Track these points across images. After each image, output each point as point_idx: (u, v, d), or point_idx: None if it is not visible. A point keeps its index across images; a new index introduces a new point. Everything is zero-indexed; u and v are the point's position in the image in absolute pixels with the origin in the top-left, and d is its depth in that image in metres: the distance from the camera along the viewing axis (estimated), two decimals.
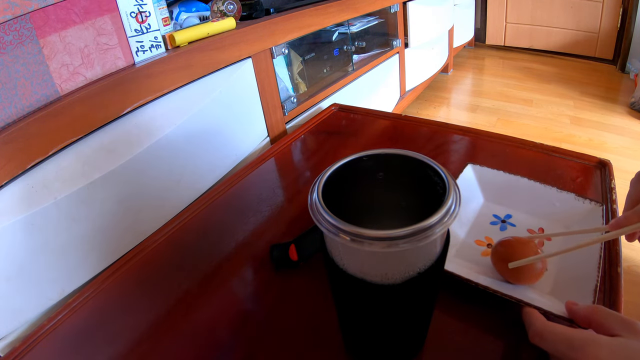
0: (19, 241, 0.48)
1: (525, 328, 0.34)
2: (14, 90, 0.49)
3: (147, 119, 0.62)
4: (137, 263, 0.50)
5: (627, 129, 1.54)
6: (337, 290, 0.30)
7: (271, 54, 0.83)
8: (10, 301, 0.49)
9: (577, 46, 2.21)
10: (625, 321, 0.29)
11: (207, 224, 0.56)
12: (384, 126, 0.77)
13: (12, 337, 0.51)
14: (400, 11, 1.31)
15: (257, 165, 0.68)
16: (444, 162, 0.62)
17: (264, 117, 0.84)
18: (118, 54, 0.60)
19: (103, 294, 0.46)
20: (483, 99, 1.90)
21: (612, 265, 0.41)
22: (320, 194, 0.26)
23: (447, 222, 0.24)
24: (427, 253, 0.26)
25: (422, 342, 0.35)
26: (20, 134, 0.48)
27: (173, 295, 0.45)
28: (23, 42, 0.49)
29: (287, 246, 0.46)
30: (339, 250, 0.27)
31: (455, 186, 0.26)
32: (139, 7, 0.60)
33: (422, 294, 0.29)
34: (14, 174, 0.48)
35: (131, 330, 0.41)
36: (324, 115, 0.83)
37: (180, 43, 0.66)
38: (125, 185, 0.59)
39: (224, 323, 0.41)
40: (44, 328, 0.42)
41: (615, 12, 2.02)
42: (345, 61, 1.13)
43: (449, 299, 0.39)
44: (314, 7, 0.91)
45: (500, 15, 2.40)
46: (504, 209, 0.50)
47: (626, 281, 0.40)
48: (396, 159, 0.31)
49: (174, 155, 0.65)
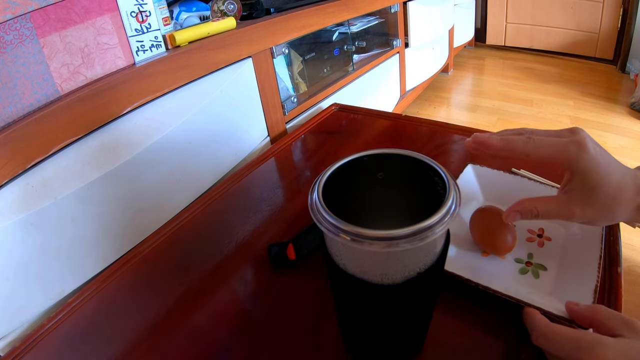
0: (19, 241, 0.48)
1: (528, 329, 0.34)
2: (14, 90, 0.49)
3: (147, 118, 0.62)
4: (137, 263, 0.50)
5: (627, 129, 1.55)
6: (337, 290, 0.30)
7: (271, 54, 0.83)
8: (10, 301, 0.49)
9: (577, 46, 2.21)
10: (627, 321, 0.30)
11: (207, 224, 0.56)
12: (384, 126, 0.77)
13: (12, 337, 0.51)
14: (400, 11, 1.31)
15: (257, 165, 0.68)
16: (444, 162, 0.62)
17: (264, 116, 0.84)
18: (118, 54, 0.60)
19: (103, 293, 0.46)
20: (483, 99, 1.90)
21: (612, 265, 0.41)
22: (320, 194, 0.26)
23: (447, 222, 0.24)
24: (427, 253, 0.26)
25: (422, 342, 0.35)
26: (20, 133, 0.48)
27: (173, 295, 0.45)
28: (23, 42, 0.49)
29: (285, 245, 0.47)
30: (339, 250, 0.27)
31: (455, 186, 0.26)
32: (139, 7, 0.60)
33: (422, 294, 0.29)
34: (14, 173, 0.48)
35: (131, 330, 0.41)
36: (324, 115, 0.83)
37: (180, 43, 0.66)
38: (125, 185, 0.59)
39: (224, 323, 0.41)
40: (44, 328, 0.42)
41: (616, 12, 2.02)
42: (345, 61, 1.13)
43: (449, 299, 0.39)
44: (314, 7, 0.91)
45: (500, 15, 2.40)
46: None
47: (626, 281, 0.41)
48: (396, 159, 0.31)
49: (174, 155, 0.65)
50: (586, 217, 0.36)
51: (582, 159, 0.34)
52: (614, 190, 0.34)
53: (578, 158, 0.34)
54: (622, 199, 0.34)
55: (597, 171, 0.34)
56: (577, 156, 0.34)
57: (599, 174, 0.34)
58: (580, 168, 0.34)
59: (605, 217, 0.35)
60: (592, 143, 0.35)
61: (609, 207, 0.35)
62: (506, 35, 2.43)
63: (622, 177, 0.35)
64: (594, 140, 0.35)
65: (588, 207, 0.35)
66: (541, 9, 2.24)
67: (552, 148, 0.34)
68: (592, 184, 0.34)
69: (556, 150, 0.34)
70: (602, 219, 0.36)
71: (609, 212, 0.35)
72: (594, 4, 2.07)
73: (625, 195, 0.34)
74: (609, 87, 1.90)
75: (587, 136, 0.35)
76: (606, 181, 0.34)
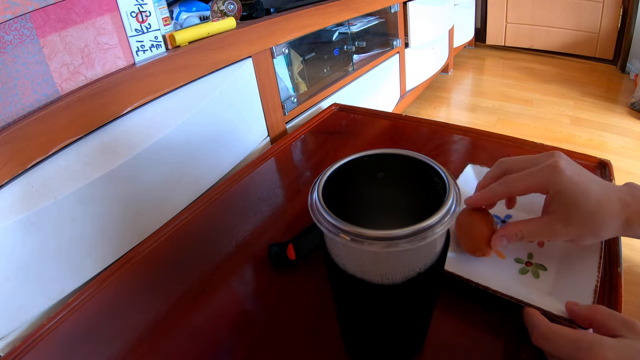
0: (19, 241, 0.48)
1: (528, 329, 0.34)
2: (14, 90, 0.49)
3: (147, 118, 0.62)
4: (137, 263, 0.50)
5: (628, 129, 1.54)
6: (337, 290, 0.30)
7: (271, 54, 0.83)
8: (10, 301, 0.49)
9: (577, 46, 2.21)
10: (627, 322, 0.30)
11: (207, 224, 0.56)
12: (384, 126, 0.77)
13: (12, 337, 0.51)
14: (400, 11, 1.31)
15: (257, 165, 0.68)
16: (444, 162, 0.62)
17: (264, 116, 0.84)
18: (118, 54, 0.60)
19: (103, 293, 0.46)
20: (483, 99, 1.90)
21: (612, 265, 0.41)
22: (320, 194, 0.26)
23: (447, 222, 0.24)
24: (427, 253, 0.26)
25: (422, 342, 0.35)
26: (20, 133, 0.48)
27: (173, 295, 0.45)
28: (23, 42, 0.49)
29: (285, 245, 0.47)
30: (339, 250, 0.27)
31: (455, 186, 0.26)
32: (139, 7, 0.60)
33: (422, 294, 0.29)
34: (14, 173, 0.48)
35: (131, 329, 0.41)
36: (324, 115, 0.83)
37: (180, 43, 0.66)
38: (125, 185, 0.59)
39: (224, 323, 0.41)
40: (44, 328, 0.42)
41: (616, 12, 2.02)
42: (345, 61, 1.13)
43: (449, 299, 0.39)
44: (314, 7, 0.91)
45: (500, 15, 2.40)
46: (504, 209, 0.50)
47: (626, 281, 0.41)
48: (396, 159, 0.31)
49: (174, 155, 0.65)
50: (570, 234, 0.36)
51: (556, 180, 0.36)
52: (594, 206, 0.35)
53: (553, 181, 0.36)
54: (605, 214, 0.35)
55: (573, 190, 0.35)
56: (552, 179, 0.36)
57: (575, 192, 0.35)
58: (557, 189, 0.36)
59: (589, 234, 0.36)
60: (567, 163, 0.36)
61: (591, 222, 0.35)
62: (506, 35, 2.43)
63: (604, 194, 0.35)
64: (571, 161, 0.37)
65: (570, 225, 0.36)
66: (541, 9, 2.24)
67: (527, 180, 0.38)
68: (571, 202, 0.35)
69: (531, 181, 0.37)
70: (585, 235, 0.36)
71: (592, 228, 0.35)
72: (594, 4, 2.07)
73: (609, 211, 0.35)
74: (609, 87, 1.90)
75: (563, 158, 0.37)
76: (585, 198, 0.35)
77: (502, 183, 0.39)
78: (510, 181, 0.38)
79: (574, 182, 0.35)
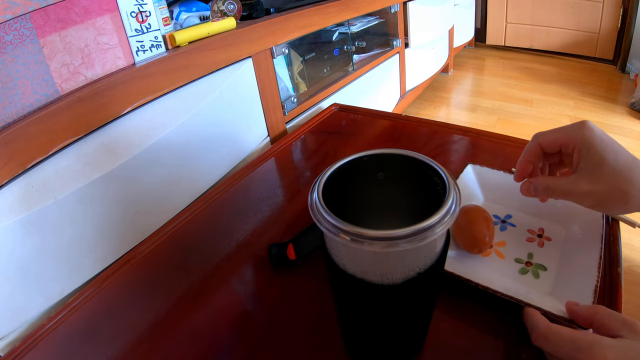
0: (19, 241, 0.48)
1: (528, 329, 0.34)
2: (14, 90, 0.49)
3: (147, 119, 0.62)
4: (137, 263, 0.50)
5: (628, 129, 1.54)
6: (337, 290, 0.30)
7: (271, 54, 0.83)
8: (10, 301, 0.49)
9: (577, 46, 2.21)
10: (627, 322, 0.30)
11: (207, 224, 0.56)
12: (384, 126, 0.77)
13: (12, 337, 0.51)
14: (400, 11, 1.31)
15: (257, 165, 0.68)
16: (444, 162, 0.62)
17: (264, 116, 0.84)
18: (118, 54, 0.60)
19: (103, 294, 0.46)
20: (483, 99, 1.90)
21: (612, 265, 0.41)
22: (320, 194, 0.26)
23: (447, 222, 0.24)
24: (427, 253, 0.26)
25: (422, 342, 0.35)
26: (20, 133, 0.48)
27: (173, 295, 0.45)
28: (23, 42, 0.49)
29: (285, 245, 0.47)
30: (339, 250, 0.27)
31: (455, 186, 0.26)
32: (139, 7, 0.60)
33: (422, 294, 0.29)
34: (14, 173, 0.48)
35: (131, 329, 0.41)
36: (324, 115, 0.83)
37: (180, 43, 0.66)
38: (125, 185, 0.59)
39: (224, 323, 0.41)
40: (44, 328, 0.42)
41: (616, 12, 2.02)
42: (345, 61, 1.13)
43: (449, 299, 0.39)
44: (314, 7, 0.91)
45: (500, 15, 2.40)
46: (504, 209, 0.50)
47: (626, 281, 0.41)
48: (396, 159, 0.31)
49: (174, 155, 0.65)
50: (596, 193, 0.35)
51: (585, 134, 0.36)
52: (623, 168, 0.34)
53: (582, 133, 0.36)
54: (633, 179, 0.34)
55: (602, 145, 0.35)
56: (581, 132, 0.36)
57: (604, 148, 0.35)
58: (585, 142, 0.36)
59: (617, 198, 0.35)
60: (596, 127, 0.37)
61: (619, 184, 0.34)
62: (506, 35, 2.43)
63: (633, 160, 0.35)
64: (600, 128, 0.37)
65: (596, 182, 0.35)
66: (541, 9, 2.24)
67: (557, 133, 0.38)
68: (598, 157, 0.35)
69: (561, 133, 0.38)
70: (614, 199, 0.35)
71: (619, 190, 0.34)
72: (594, 4, 2.07)
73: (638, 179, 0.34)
74: (609, 87, 1.90)
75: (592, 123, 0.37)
76: (613, 157, 0.35)
77: (532, 138, 0.40)
78: (541, 134, 0.40)
79: (603, 140, 0.35)
